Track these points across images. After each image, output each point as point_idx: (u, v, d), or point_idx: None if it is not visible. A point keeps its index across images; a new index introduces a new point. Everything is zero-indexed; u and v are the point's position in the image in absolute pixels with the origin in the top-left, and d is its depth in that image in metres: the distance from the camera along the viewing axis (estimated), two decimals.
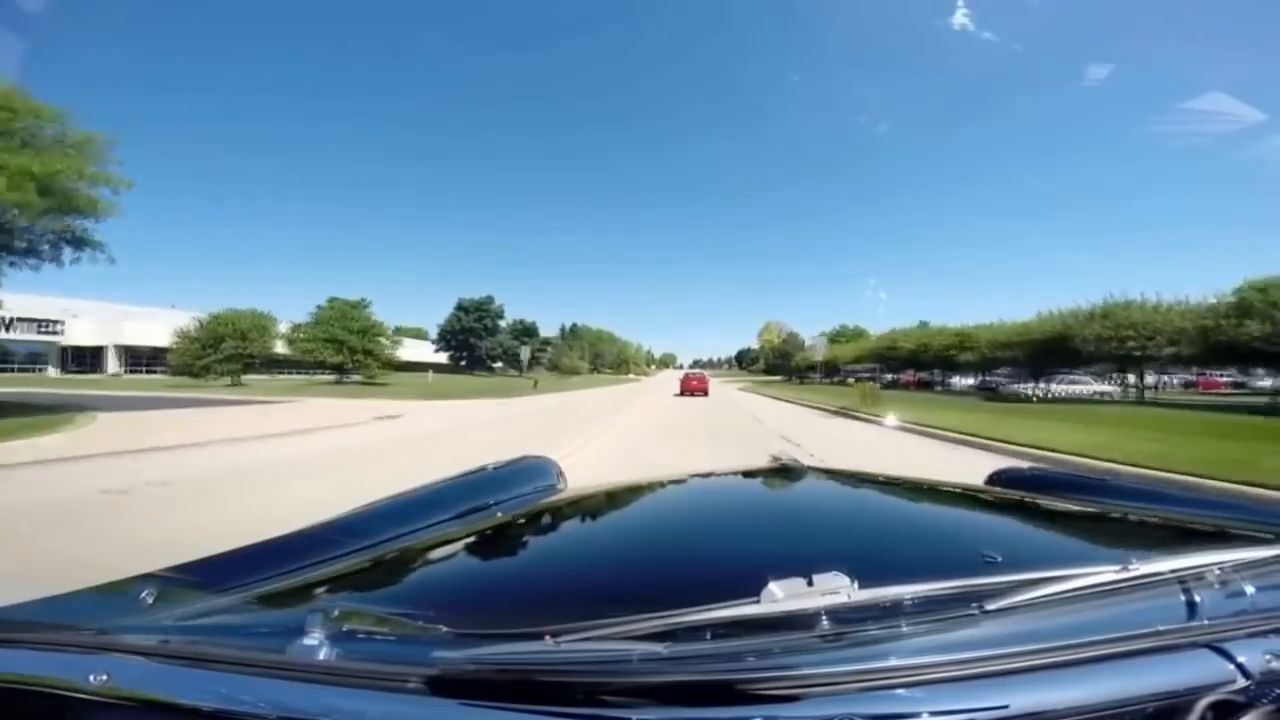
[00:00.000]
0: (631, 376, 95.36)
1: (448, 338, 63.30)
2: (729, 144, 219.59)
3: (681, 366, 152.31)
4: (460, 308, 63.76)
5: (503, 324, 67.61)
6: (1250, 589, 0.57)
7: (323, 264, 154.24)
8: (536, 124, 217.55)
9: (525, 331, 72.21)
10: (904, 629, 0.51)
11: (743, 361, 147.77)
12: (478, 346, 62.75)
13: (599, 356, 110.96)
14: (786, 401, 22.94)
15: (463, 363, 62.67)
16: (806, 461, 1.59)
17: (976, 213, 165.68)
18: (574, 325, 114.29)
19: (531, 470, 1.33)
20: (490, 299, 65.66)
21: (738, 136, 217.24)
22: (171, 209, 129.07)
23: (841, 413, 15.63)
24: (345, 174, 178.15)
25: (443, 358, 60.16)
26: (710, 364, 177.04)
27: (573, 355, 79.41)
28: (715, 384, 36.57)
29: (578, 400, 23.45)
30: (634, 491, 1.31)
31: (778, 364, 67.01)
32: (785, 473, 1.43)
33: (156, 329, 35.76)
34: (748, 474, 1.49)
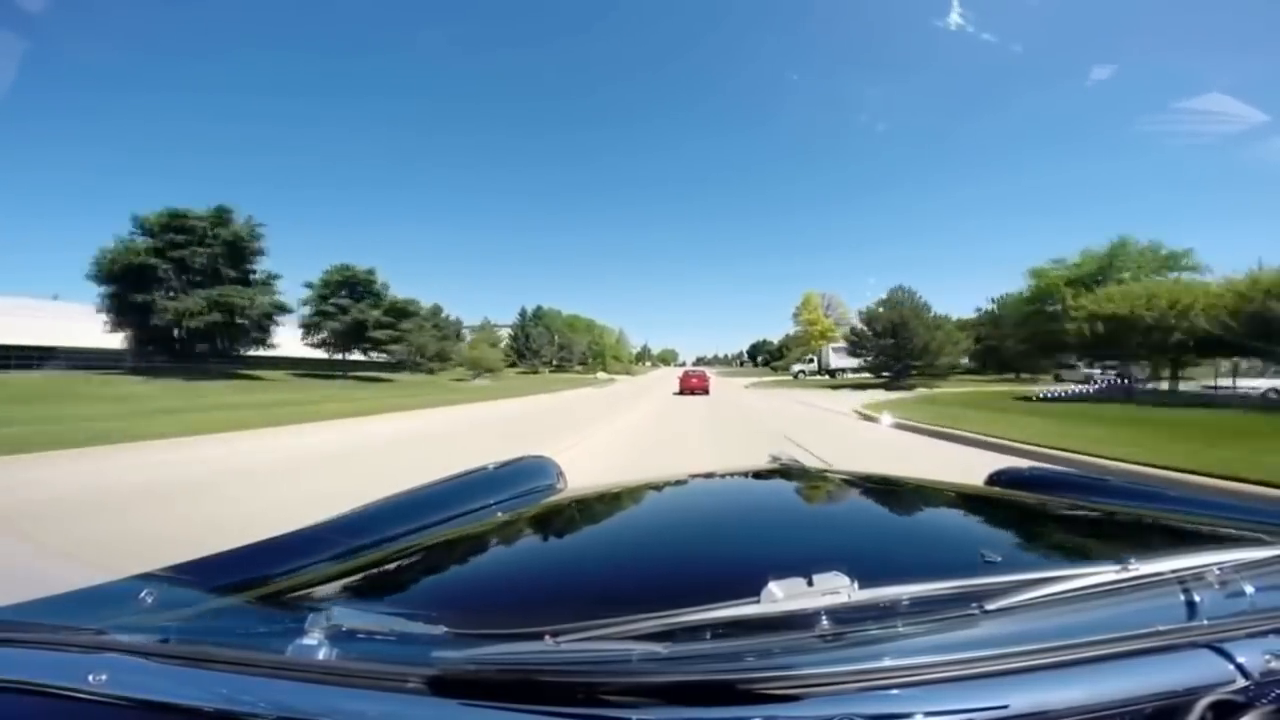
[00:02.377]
0: (602, 376, 60.51)
1: (112, 292, 23.07)
2: (725, 145, 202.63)
3: (684, 364, 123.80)
4: (143, 229, 23.38)
5: (267, 268, 26.79)
6: (1250, 589, 0.56)
7: (318, 264, 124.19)
8: (534, 123, 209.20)
9: (354, 286, 31.52)
10: (904, 629, 0.51)
11: (756, 357, 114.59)
12: (164, 310, 23.04)
13: (565, 349, 73.57)
14: None
15: (150, 346, 24.37)
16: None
17: (975, 211, 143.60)
18: (536, 308, 77.46)
19: (531, 470, 1.34)
20: (225, 210, 24.91)
21: (736, 137, 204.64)
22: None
23: None
24: (343, 174, 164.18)
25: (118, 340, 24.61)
26: (717, 360, 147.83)
27: (482, 345, 44.75)
28: (764, 400, 22.79)
29: None
30: (634, 492, 1.30)
31: (879, 345, 32.66)
32: (785, 473, 1.45)
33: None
34: (747, 474, 1.49)
